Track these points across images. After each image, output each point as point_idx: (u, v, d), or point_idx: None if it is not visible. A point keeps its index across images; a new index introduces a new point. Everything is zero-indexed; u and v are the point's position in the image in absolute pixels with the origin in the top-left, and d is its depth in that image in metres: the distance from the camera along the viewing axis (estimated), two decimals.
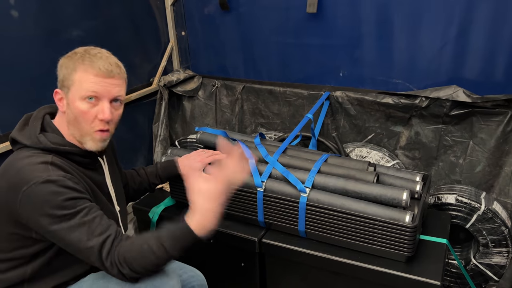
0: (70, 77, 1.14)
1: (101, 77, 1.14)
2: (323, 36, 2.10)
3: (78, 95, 1.14)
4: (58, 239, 1.09)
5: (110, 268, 1.08)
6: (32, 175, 1.05)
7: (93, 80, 1.13)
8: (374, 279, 1.41)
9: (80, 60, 1.14)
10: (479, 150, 1.88)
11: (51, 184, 1.05)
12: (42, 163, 1.08)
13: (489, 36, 1.76)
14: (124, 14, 2.21)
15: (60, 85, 1.17)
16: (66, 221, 1.06)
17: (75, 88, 1.14)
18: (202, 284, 1.43)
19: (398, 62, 1.97)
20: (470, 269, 1.84)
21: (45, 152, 1.12)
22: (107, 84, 1.15)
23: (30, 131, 1.15)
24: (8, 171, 1.09)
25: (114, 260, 1.08)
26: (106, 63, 1.15)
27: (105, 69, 1.14)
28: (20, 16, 1.68)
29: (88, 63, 1.14)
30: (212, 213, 1.12)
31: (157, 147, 2.49)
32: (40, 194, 1.04)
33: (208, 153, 1.66)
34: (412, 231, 1.34)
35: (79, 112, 1.14)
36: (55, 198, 1.05)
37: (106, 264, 1.08)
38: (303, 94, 2.22)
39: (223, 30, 2.39)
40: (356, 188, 1.47)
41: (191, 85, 2.56)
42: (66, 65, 1.16)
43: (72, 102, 1.14)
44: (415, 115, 1.97)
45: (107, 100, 1.16)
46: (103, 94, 1.15)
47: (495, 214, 1.73)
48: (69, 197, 1.06)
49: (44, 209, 1.05)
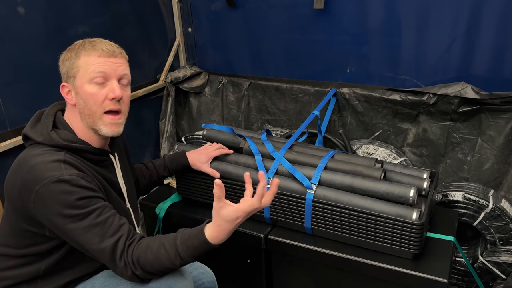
0: (74, 65, 1.15)
1: (104, 57, 1.15)
2: (330, 33, 2.09)
3: (85, 78, 1.14)
4: (70, 239, 1.10)
5: (123, 268, 1.09)
6: (45, 174, 1.05)
7: (97, 61, 1.14)
8: (381, 276, 1.41)
9: (81, 47, 1.16)
10: (488, 147, 1.87)
11: (64, 184, 1.05)
12: (54, 161, 1.08)
13: (498, 32, 1.74)
14: (131, 11, 2.22)
15: (65, 78, 1.18)
16: (79, 221, 1.07)
17: (81, 73, 1.14)
18: (211, 280, 1.44)
19: (405, 59, 1.96)
20: (477, 267, 1.83)
21: (57, 150, 1.13)
22: (112, 63, 1.16)
23: (42, 128, 1.15)
24: (21, 168, 1.10)
25: (127, 261, 1.09)
26: (107, 44, 1.18)
27: (107, 49, 1.16)
28: (28, 13, 1.69)
29: (90, 47, 1.15)
30: (229, 231, 1.13)
31: (163, 143, 2.50)
32: (53, 194, 1.05)
33: (214, 146, 1.69)
34: (419, 228, 1.33)
35: (89, 95, 1.15)
36: (68, 198, 1.05)
37: (120, 265, 1.09)
38: (309, 90, 2.22)
39: (230, 26, 2.38)
40: (363, 184, 1.46)
41: (198, 81, 2.56)
42: (67, 57, 1.17)
43: (80, 88, 1.15)
44: (422, 112, 1.96)
45: (114, 79, 1.17)
46: (110, 74, 1.16)
47: (503, 212, 1.71)
48: (82, 196, 1.07)
49: (57, 209, 1.05)
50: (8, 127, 1.67)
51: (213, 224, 1.12)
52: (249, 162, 1.64)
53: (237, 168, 1.62)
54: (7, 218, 1.17)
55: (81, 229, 1.07)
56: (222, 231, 1.11)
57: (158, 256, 1.09)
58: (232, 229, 1.13)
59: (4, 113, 1.65)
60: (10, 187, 1.12)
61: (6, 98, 1.65)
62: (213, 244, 1.12)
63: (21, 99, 1.70)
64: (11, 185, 1.12)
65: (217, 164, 1.65)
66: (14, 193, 1.10)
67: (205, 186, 1.69)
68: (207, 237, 1.11)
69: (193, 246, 1.11)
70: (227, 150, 1.69)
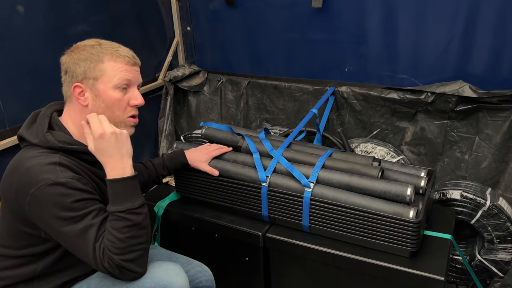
0: (97, 68, 1.14)
1: (130, 65, 1.19)
2: (329, 31, 2.10)
3: (111, 84, 1.15)
4: (64, 241, 1.10)
5: (109, 268, 1.07)
6: (40, 176, 1.05)
7: (125, 68, 1.17)
8: (378, 274, 1.41)
9: (103, 50, 1.16)
10: (485, 145, 1.87)
11: (59, 186, 1.05)
12: (50, 164, 1.08)
13: (495, 31, 1.74)
14: (130, 10, 2.22)
15: (80, 79, 1.15)
16: (74, 223, 1.06)
17: (106, 78, 1.15)
18: (209, 279, 1.44)
19: (403, 57, 1.97)
20: (474, 265, 1.84)
21: (52, 151, 1.12)
22: (135, 72, 1.21)
23: (37, 130, 1.15)
24: (17, 170, 1.09)
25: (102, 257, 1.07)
26: (129, 51, 1.21)
27: (131, 57, 1.20)
28: (28, 11, 1.70)
29: (114, 52, 1.16)
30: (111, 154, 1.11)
31: (162, 142, 2.51)
32: (49, 196, 1.05)
33: (214, 146, 1.70)
34: (416, 226, 1.34)
35: (114, 100, 1.16)
36: (63, 200, 1.05)
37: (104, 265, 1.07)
38: (308, 89, 2.22)
39: (228, 25, 2.39)
40: (360, 183, 1.47)
41: (197, 80, 2.57)
42: (85, 57, 1.15)
43: (103, 92, 1.15)
44: (420, 110, 1.96)
45: (135, 87, 1.21)
46: (133, 81, 1.20)
47: (501, 210, 1.72)
48: (77, 199, 1.07)
49: (52, 211, 1.05)
50: (7, 125, 1.67)
51: None
52: (247, 161, 1.65)
53: (235, 167, 1.63)
54: (4, 219, 1.17)
55: (76, 231, 1.06)
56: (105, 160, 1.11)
57: (110, 230, 1.07)
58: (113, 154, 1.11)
59: (3, 111, 1.65)
60: (6, 188, 1.12)
61: (6, 97, 1.65)
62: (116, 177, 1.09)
63: (21, 97, 1.71)
64: (7, 187, 1.12)
65: (215, 162, 1.66)
66: (10, 195, 1.11)
67: (203, 184, 1.69)
68: (108, 177, 1.10)
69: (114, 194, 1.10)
70: (226, 149, 1.70)
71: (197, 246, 1.80)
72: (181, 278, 1.17)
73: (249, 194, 1.61)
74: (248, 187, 1.60)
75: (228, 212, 1.70)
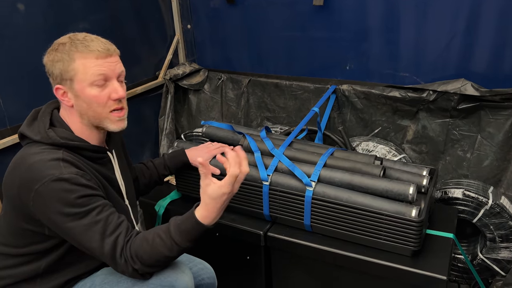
0: (69, 68, 1.12)
1: (102, 58, 1.13)
2: (330, 29, 2.08)
3: (85, 82, 1.13)
4: (70, 237, 1.10)
5: (124, 265, 1.09)
6: (44, 172, 1.05)
7: (95, 63, 1.12)
8: (380, 273, 1.41)
9: (74, 49, 1.12)
10: (487, 144, 1.87)
11: (63, 182, 1.05)
12: (53, 160, 1.07)
13: (498, 29, 1.73)
14: (130, 7, 2.21)
15: (59, 80, 1.14)
16: (79, 219, 1.06)
17: (79, 77, 1.12)
18: (211, 276, 1.44)
19: (405, 55, 1.95)
20: (476, 264, 1.83)
21: (55, 148, 1.12)
22: (110, 64, 1.15)
23: (39, 126, 1.14)
24: (20, 167, 1.09)
25: (127, 257, 1.09)
26: (100, 43, 1.15)
27: (102, 50, 1.14)
28: (28, 9, 1.69)
29: (84, 48, 1.12)
30: (218, 209, 1.13)
31: (163, 140, 2.50)
32: (53, 192, 1.04)
33: (215, 145, 1.69)
34: (418, 225, 1.33)
35: (92, 98, 1.14)
36: (68, 196, 1.05)
37: (120, 262, 1.09)
38: (309, 87, 2.21)
39: (229, 23, 2.38)
40: (362, 181, 1.46)
41: (197, 78, 2.56)
42: (58, 58, 1.13)
43: (81, 91, 1.14)
44: (422, 108, 1.95)
45: (114, 79, 1.17)
46: (109, 74, 1.15)
47: (503, 209, 1.71)
48: (82, 195, 1.06)
49: (56, 207, 1.05)
50: (8, 124, 1.66)
51: (201, 204, 1.13)
52: (248, 159, 1.64)
53: None
54: (6, 217, 1.17)
55: (81, 227, 1.06)
56: (211, 210, 1.12)
57: (154, 246, 1.09)
58: (220, 206, 1.13)
59: (4, 110, 1.64)
60: (8, 186, 1.12)
61: (6, 95, 1.64)
62: (205, 225, 1.12)
63: (21, 96, 1.70)
64: (9, 184, 1.11)
65: (216, 161, 1.64)
66: (13, 192, 1.10)
67: None
68: (198, 218, 1.11)
69: (186, 229, 1.11)
70: (228, 147, 1.69)
71: (198, 245, 1.77)
72: (186, 275, 1.17)
73: (250, 193, 1.60)
74: (250, 186, 1.59)
75: (229, 211, 1.68)
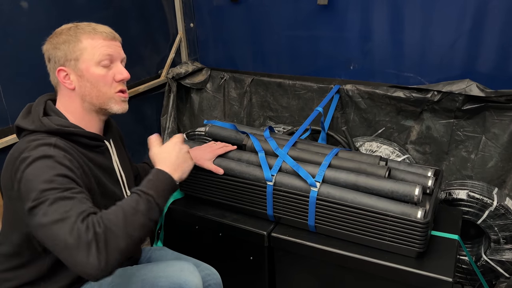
0: (76, 48, 1.13)
1: (109, 40, 1.17)
2: (334, 29, 2.08)
3: (92, 61, 1.14)
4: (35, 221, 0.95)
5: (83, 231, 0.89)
6: (32, 152, 1.01)
7: (103, 44, 1.15)
8: (385, 274, 1.40)
9: (80, 30, 1.15)
10: (492, 145, 1.86)
11: (47, 159, 1.00)
12: (44, 145, 1.05)
13: (503, 29, 1.72)
14: (133, 6, 2.20)
15: (62, 62, 1.14)
16: (50, 195, 0.95)
17: (86, 56, 1.13)
18: (218, 282, 1.43)
19: (409, 56, 1.95)
20: (480, 265, 1.83)
21: (49, 135, 1.09)
22: (116, 46, 1.19)
23: (33, 116, 1.13)
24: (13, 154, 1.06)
25: (89, 222, 0.91)
26: (106, 28, 1.19)
27: (109, 33, 1.18)
28: (31, 7, 1.68)
29: (91, 30, 1.15)
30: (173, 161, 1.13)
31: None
32: (36, 170, 0.98)
33: (219, 145, 1.69)
34: (424, 227, 1.32)
35: (98, 77, 1.15)
36: (47, 172, 0.98)
37: (81, 227, 0.89)
38: (312, 87, 2.20)
39: (232, 22, 2.37)
40: (367, 182, 1.45)
41: (200, 77, 2.55)
42: (63, 40, 1.14)
43: (86, 70, 1.14)
44: (426, 109, 1.94)
45: (119, 61, 1.20)
46: (115, 56, 1.18)
47: (508, 210, 1.70)
48: (61, 173, 0.99)
49: (34, 184, 0.97)
50: (10, 122, 1.66)
51: None
52: (252, 159, 1.63)
53: (240, 165, 1.61)
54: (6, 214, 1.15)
55: (49, 203, 0.94)
56: (166, 164, 1.12)
57: (120, 203, 0.99)
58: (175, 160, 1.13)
59: (6, 108, 1.64)
60: (5, 178, 1.08)
61: (8, 93, 1.63)
62: (166, 172, 1.08)
63: (23, 94, 1.69)
64: (6, 176, 1.07)
65: (220, 160, 1.64)
66: (9, 183, 1.06)
67: (207, 183, 1.68)
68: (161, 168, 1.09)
69: (148, 179, 1.06)
70: (231, 147, 1.68)
71: (201, 245, 1.79)
72: (196, 276, 1.16)
73: (254, 193, 1.59)
74: (253, 186, 1.58)
75: (232, 211, 1.68)
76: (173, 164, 1.12)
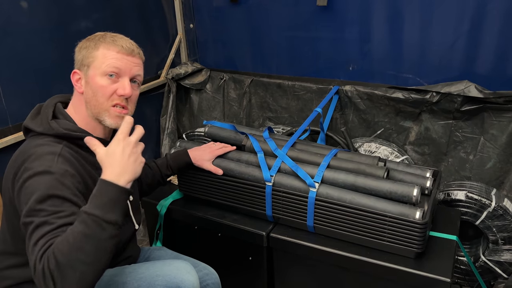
0: (91, 55, 1.15)
1: (123, 54, 1.16)
2: (333, 30, 2.08)
3: (99, 70, 1.14)
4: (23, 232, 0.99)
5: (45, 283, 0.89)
6: (35, 163, 1.02)
7: (115, 56, 1.15)
8: (383, 275, 1.41)
9: (102, 39, 1.16)
10: (490, 146, 1.86)
11: (48, 175, 1.00)
12: (50, 154, 1.05)
13: (502, 31, 1.73)
14: (133, 6, 2.20)
15: (79, 65, 1.18)
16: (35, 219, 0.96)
17: (96, 64, 1.15)
18: (216, 282, 1.43)
19: (408, 57, 1.95)
20: (479, 266, 1.83)
21: (56, 140, 1.10)
22: (129, 62, 1.17)
23: (42, 119, 1.14)
24: (18, 159, 1.07)
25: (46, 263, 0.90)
26: (128, 42, 1.19)
27: (127, 47, 1.17)
28: (31, 7, 1.68)
29: (110, 41, 1.16)
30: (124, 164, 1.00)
31: (164, 140, 2.49)
32: (34, 183, 1.00)
33: (218, 145, 1.69)
34: (422, 227, 1.33)
35: (98, 87, 1.14)
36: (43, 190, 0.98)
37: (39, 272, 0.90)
38: (312, 88, 2.21)
39: (232, 23, 2.37)
40: (366, 183, 1.45)
41: (199, 78, 2.55)
42: (85, 45, 1.17)
43: (91, 78, 1.15)
44: (425, 110, 1.95)
45: (127, 77, 1.17)
46: (124, 71, 1.16)
47: (506, 211, 1.71)
48: (56, 194, 0.99)
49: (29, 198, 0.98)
50: (10, 122, 1.66)
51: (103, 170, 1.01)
52: (251, 160, 1.64)
53: (239, 166, 1.61)
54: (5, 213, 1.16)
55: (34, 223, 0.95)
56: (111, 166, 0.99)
57: (71, 229, 0.92)
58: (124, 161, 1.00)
59: (6, 108, 1.64)
60: (7, 179, 1.09)
61: (8, 93, 1.64)
62: (114, 182, 0.97)
63: (23, 94, 1.69)
64: (8, 177, 1.09)
65: (219, 161, 1.64)
66: (10, 185, 1.07)
67: (207, 183, 1.68)
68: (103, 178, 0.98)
69: (93, 195, 0.96)
70: (230, 148, 1.69)
71: (200, 245, 1.79)
72: (192, 276, 1.17)
73: (253, 194, 1.60)
74: (252, 187, 1.58)
75: (232, 212, 1.69)
76: (118, 167, 0.99)
